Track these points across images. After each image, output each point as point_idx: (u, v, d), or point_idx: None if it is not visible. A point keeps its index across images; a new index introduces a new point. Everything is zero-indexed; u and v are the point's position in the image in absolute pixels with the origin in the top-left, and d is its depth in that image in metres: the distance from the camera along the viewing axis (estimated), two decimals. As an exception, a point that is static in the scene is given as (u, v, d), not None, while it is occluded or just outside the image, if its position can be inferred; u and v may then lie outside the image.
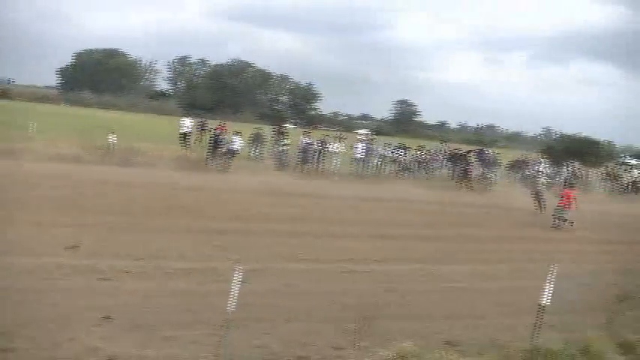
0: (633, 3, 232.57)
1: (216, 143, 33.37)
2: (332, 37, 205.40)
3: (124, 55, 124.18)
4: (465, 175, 36.36)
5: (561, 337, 10.67)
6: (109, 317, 9.94)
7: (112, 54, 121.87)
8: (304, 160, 35.33)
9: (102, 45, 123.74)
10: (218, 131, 35.31)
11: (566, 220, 25.47)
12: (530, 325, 10.14)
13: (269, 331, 10.18)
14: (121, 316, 10.04)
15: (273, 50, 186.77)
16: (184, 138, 37.56)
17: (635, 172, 48.36)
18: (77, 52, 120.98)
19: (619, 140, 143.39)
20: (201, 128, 39.71)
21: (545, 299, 9.56)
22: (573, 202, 26.03)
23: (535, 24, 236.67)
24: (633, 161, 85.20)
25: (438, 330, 11.30)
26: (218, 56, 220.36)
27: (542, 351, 9.17)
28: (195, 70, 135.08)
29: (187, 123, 38.72)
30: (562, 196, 26.90)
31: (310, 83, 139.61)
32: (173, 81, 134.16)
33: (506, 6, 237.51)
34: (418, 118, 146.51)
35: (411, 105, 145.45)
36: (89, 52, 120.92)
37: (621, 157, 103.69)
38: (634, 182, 45.44)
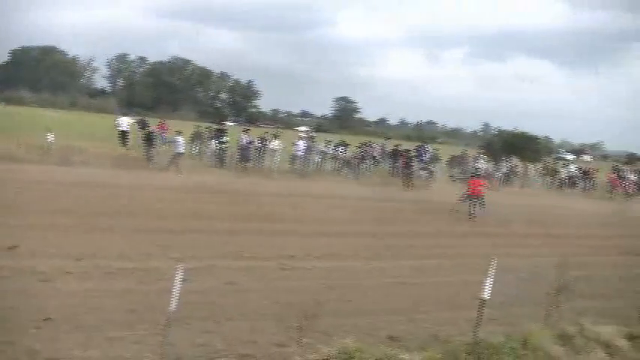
0: (572, 1, 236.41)
1: (149, 141, 33.17)
2: (272, 35, 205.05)
3: (61, 52, 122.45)
4: (405, 171, 36.51)
5: (502, 330, 10.83)
6: (49, 319, 9.81)
7: (49, 51, 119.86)
8: (244, 158, 35.17)
9: (38, 42, 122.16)
10: (152, 129, 35.22)
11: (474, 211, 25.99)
12: (471, 319, 10.27)
13: (212, 330, 10.17)
14: (62, 318, 9.91)
15: (212, 48, 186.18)
16: (123, 136, 37.18)
17: (572, 167, 49.22)
18: (12, 49, 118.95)
19: (556, 136, 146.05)
20: (141, 127, 39.35)
21: (486, 293, 9.68)
22: (481, 190, 26.47)
23: (474, 21, 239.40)
24: (570, 156, 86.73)
25: (381, 325, 11.38)
26: (157, 54, 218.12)
27: (484, 344, 9.28)
28: (134, 67, 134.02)
29: (126, 121, 38.36)
30: (469, 185, 27.37)
31: (250, 81, 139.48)
32: (112, 79, 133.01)
33: (446, 3, 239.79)
34: (358, 115, 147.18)
35: (352, 102, 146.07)
36: (25, 50, 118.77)
37: (559, 152, 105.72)
38: (570, 177, 46.25)
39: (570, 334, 10.36)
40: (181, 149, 32.04)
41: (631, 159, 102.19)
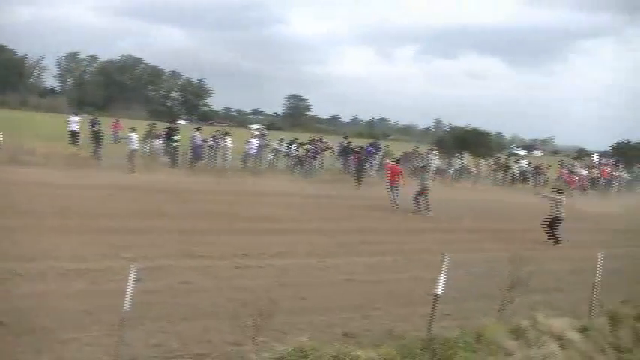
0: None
1: (97, 140, 32.97)
2: (224, 33, 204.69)
3: (10, 51, 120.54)
4: (358, 168, 36.60)
5: (457, 324, 10.95)
6: (0, 322, 9.70)
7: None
8: (197, 157, 35.03)
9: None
10: (96, 128, 35.01)
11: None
12: (426, 315, 10.36)
13: (167, 330, 10.12)
14: (13, 321, 9.78)
15: (164, 46, 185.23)
16: (73, 136, 36.87)
17: (523, 162, 49.75)
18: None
19: (507, 132, 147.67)
20: (93, 126, 38.97)
21: (440, 289, 9.77)
22: (399, 178, 26.63)
23: (425, 18, 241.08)
24: (521, 152, 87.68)
25: (335, 322, 11.43)
26: (108, 53, 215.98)
27: (439, 339, 9.36)
28: (85, 66, 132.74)
29: (76, 121, 38.03)
30: (387, 171, 27.49)
31: (202, 79, 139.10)
32: (62, 78, 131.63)
33: (398, 0, 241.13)
34: (310, 113, 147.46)
35: (304, 99, 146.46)
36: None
37: (510, 148, 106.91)
38: (522, 172, 46.82)
39: (523, 328, 10.51)
40: (134, 146, 31.79)
41: (580, 154, 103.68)
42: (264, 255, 16.11)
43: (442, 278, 9.76)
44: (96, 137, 33.60)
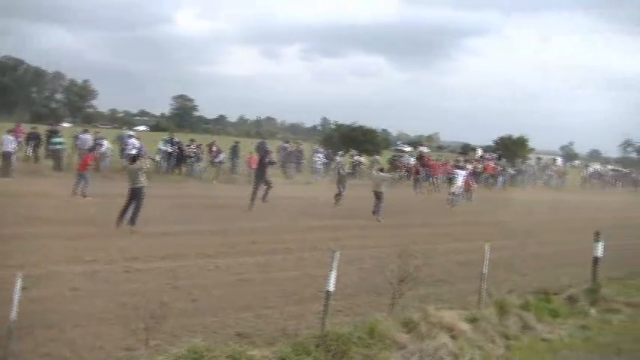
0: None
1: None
2: (108, 33, 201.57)
3: None
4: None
5: (349, 320, 11.05)
6: None
7: None
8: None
9: None
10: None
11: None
12: (319, 312, 10.43)
13: (57, 338, 9.89)
14: None
15: (46, 47, 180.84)
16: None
17: (411, 159, 50.46)
18: None
19: (394, 129, 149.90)
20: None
21: (331, 285, 9.84)
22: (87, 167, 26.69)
23: (310, 17, 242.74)
24: (408, 148, 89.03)
25: (228, 323, 11.43)
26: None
27: (332, 335, 9.43)
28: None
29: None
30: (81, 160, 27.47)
31: (86, 80, 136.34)
32: None
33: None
34: (197, 113, 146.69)
35: (190, 100, 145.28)
36: None
37: (397, 144, 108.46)
38: (408, 169, 47.53)
39: (415, 321, 10.66)
40: (8, 148, 30.93)
41: (465, 149, 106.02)
42: (154, 258, 15.94)
43: (332, 275, 9.84)
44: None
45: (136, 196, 20.12)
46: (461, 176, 34.29)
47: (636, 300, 15.19)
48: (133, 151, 35.26)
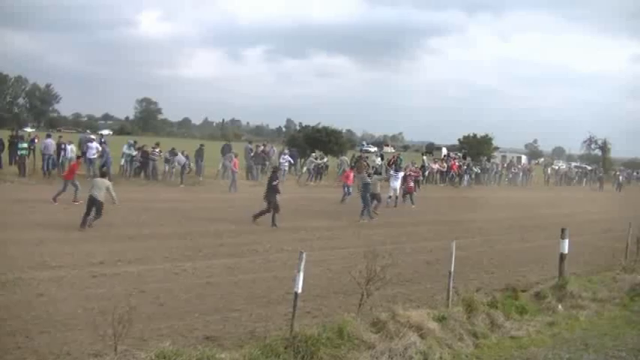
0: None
1: None
2: (71, 36, 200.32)
3: None
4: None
5: (317, 321, 11.06)
6: None
7: None
8: (50, 165, 33.96)
9: None
10: None
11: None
12: (287, 314, 10.42)
13: (23, 345, 9.80)
14: None
15: (6, 50, 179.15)
16: None
17: (378, 160, 50.43)
18: None
19: (358, 129, 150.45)
20: None
21: (299, 287, 9.83)
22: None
23: (274, 18, 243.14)
24: (373, 148, 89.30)
25: (197, 326, 11.38)
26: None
27: (301, 337, 9.42)
28: None
29: None
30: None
31: (49, 84, 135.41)
32: None
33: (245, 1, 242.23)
34: (162, 116, 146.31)
35: (154, 103, 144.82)
36: None
37: (362, 145, 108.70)
38: (376, 169, 47.58)
39: (383, 321, 10.68)
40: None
41: (430, 148, 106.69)
42: (121, 262, 15.85)
43: (300, 276, 9.82)
44: None
45: (94, 204, 20.35)
46: (397, 179, 34.12)
47: (601, 295, 15.36)
48: (95, 155, 34.98)
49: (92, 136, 41.41)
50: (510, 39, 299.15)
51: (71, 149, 35.57)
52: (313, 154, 45.72)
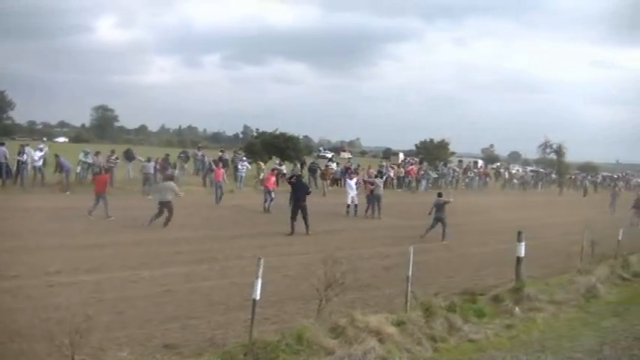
0: (323, 4, 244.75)
1: None
2: (25, 42, 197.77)
3: None
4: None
5: (276, 328, 11.05)
6: None
7: None
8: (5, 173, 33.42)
9: None
10: None
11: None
12: (246, 320, 10.39)
13: (-24, 357, 9.68)
14: None
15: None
16: None
17: (333, 165, 50.54)
18: None
19: (315, 135, 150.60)
20: None
21: (257, 294, 9.81)
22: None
23: (231, 25, 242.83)
24: (329, 154, 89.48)
25: (155, 335, 11.29)
26: None
27: (260, 344, 9.40)
28: None
29: None
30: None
31: (2, 91, 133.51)
32: None
33: (199, 6, 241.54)
34: (118, 123, 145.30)
35: (110, 110, 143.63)
36: None
37: (319, 151, 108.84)
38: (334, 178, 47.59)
39: (342, 326, 10.70)
40: None
41: (387, 154, 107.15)
42: (78, 271, 15.70)
43: (258, 283, 9.81)
44: None
45: (165, 206, 23.30)
46: (351, 187, 33.85)
47: (558, 297, 15.54)
48: (40, 162, 34.44)
49: (41, 145, 40.86)
50: (469, 45, 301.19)
51: (32, 158, 34.93)
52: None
